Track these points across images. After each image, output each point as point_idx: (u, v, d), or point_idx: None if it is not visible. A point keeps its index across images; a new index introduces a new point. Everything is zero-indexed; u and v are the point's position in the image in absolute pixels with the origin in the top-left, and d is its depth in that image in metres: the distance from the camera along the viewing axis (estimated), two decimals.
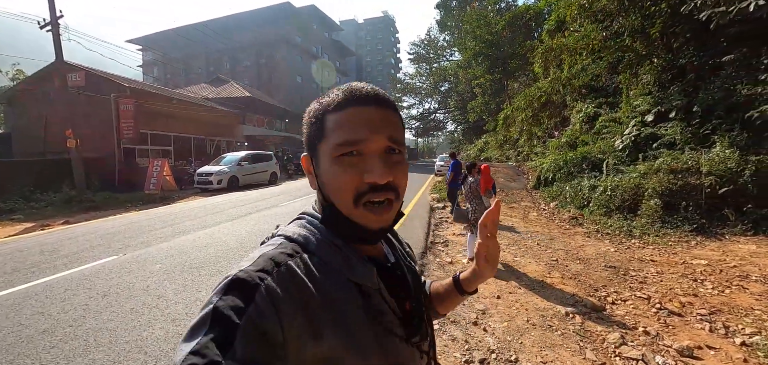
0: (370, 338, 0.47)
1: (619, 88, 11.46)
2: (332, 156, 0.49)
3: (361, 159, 0.48)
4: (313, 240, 0.51)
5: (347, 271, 0.49)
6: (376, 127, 0.49)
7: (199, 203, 9.63)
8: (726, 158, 5.85)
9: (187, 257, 4.47)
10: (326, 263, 0.49)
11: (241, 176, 13.60)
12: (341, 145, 0.48)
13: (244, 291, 0.41)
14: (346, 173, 0.48)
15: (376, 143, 0.49)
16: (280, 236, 0.52)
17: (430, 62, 40.38)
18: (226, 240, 5.36)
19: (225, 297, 0.40)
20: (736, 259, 4.66)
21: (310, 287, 0.45)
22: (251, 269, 0.43)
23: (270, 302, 0.41)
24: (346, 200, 0.49)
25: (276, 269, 0.44)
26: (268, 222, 6.69)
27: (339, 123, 0.49)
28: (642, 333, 3.05)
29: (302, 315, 0.43)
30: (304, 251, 0.49)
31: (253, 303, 0.40)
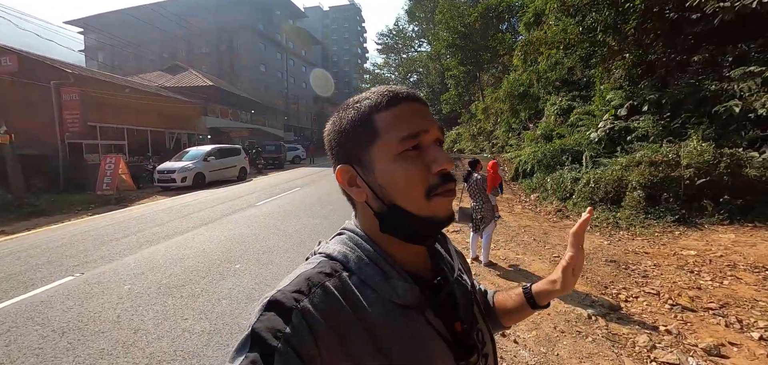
0: (409, 362, 0.45)
1: (591, 82, 11.86)
2: (396, 153, 0.48)
3: (421, 153, 0.49)
4: (353, 258, 0.50)
5: (388, 292, 0.47)
6: (429, 119, 0.50)
7: (164, 205, 8.72)
8: (703, 151, 6.10)
9: (161, 275, 3.87)
10: (365, 283, 0.47)
11: (208, 173, 12.61)
12: (406, 139, 0.48)
13: (280, 312, 0.41)
14: (414, 167, 0.48)
15: (433, 134, 0.49)
16: (320, 255, 0.52)
17: (398, 53, 40.14)
18: (205, 250, 4.77)
19: (262, 318, 0.41)
20: (721, 249, 4.85)
21: (347, 309, 0.44)
22: (288, 290, 0.44)
23: (305, 324, 0.41)
24: (418, 195, 0.48)
25: (312, 291, 0.44)
26: (249, 225, 6.12)
27: (397, 118, 0.48)
28: (665, 333, 3.00)
29: (338, 338, 0.42)
30: (344, 270, 0.48)
31: (290, 324, 0.40)
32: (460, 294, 0.57)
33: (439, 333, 0.49)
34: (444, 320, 0.51)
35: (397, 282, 0.48)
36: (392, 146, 0.48)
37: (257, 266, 4.10)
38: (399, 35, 39.66)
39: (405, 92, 0.51)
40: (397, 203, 0.49)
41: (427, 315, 0.49)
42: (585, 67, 12.06)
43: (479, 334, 0.56)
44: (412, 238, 0.50)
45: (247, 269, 4.01)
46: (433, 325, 0.49)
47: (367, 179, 0.50)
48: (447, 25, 20.15)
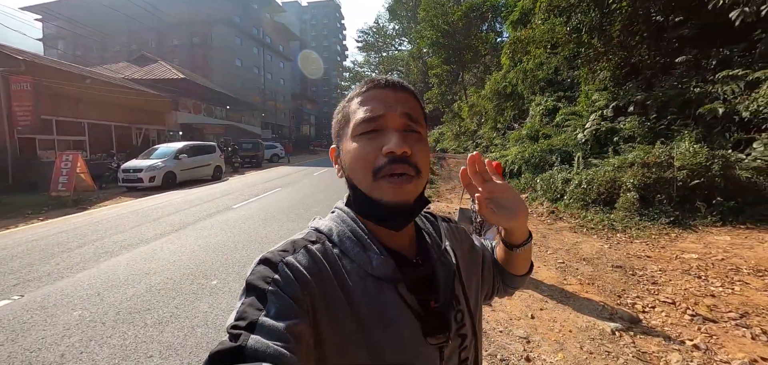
0: (378, 329, 0.49)
1: (576, 82, 11.93)
2: (353, 134, 0.53)
3: (380, 135, 0.51)
4: (336, 231, 0.54)
5: (364, 263, 0.51)
6: (392, 105, 0.52)
7: (129, 208, 7.90)
8: (696, 153, 6.07)
9: (121, 296, 3.28)
10: (345, 254, 0.52)
11: (179, 172, 11.73)
12: (360, 123, 0.52)
13: (269, 265, 0.47)
14: (365, 147, 0.51)
15: (393, 120, 0.52)
16: (310, 228, 0.58)
17: (379, 51, 39.70)
18: (176, 262, 4.17)
19: (254, 270, 0.47)
20: (720, 251, 4.77)
21: (327, 268, 0.50)
22: (275, 250, 0.50)
23: (289, 273, 0.46)
24: (366, 175, 0.51)
25: (296, 250, 0.50)
26: (226, 231, 5.53)
27: (362, 103, 0.53)
28: (692, 348, 2.78)
29: (319, 290, 0.47)
30: (327, 241, 0.54)
31: (277, 272, 0.46)
32: (443, 273, 0.58)
33: (411, 307, 0.51)
34: (420, 296, 0.53)
35: (373, 255, 0.52)
36: (354, 128, 0.53)
37: (238, 282, 3.58)
38: (379, 33, 39.21)
39: (383, 80, 0.55)
40: (353, 182, 0.54)
41: (400, 289, 0.52)
42: (570, 68, 12.11)
43: (459, 315, 0.57)
44: (372, 218, 0.54)
45: (226, 286, 3.48)
46: (405, 299, 0.51)
47: (341, 158, 0.56)
48: (431, 22, 19.93)
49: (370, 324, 0.48)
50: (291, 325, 0.42)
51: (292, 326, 0.42)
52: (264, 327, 0.41)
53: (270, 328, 0.41)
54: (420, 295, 0.53)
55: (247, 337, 0.40)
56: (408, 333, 0.50)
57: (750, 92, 6.69)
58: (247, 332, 0.40)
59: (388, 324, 0.49)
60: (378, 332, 0.49)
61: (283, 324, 0.41)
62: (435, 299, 0.55)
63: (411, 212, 0.53)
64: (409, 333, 0.50)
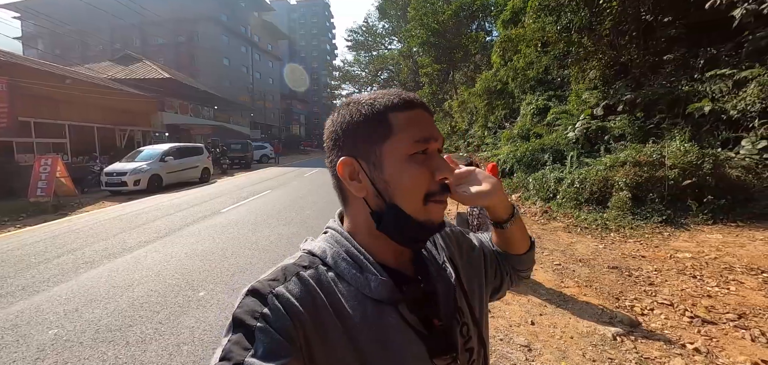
0: (380, 355, 0.46)
1: (566, 81, 12.00)
2: (408, 153, 0.49)
3: (428, 158, 0.51)
4: (331, 254, 0.51)
5: (362, 285, 0.49)
6: (432, 129, 0.51)
7: (112, 213, 7.61)
8: (687, 151, 6.12)
9: (101, 311, 3.09)
10: (341, 277, 0.49)
11: (165, 175, 11.39)
12: (419, 141, 0.49)
13: (257, 297, 0.44)
14: (421, 170, 0.49)
15: (439, 143, 0.52)
16: (303, 250, 0.54)
17: (369, 50, 39.49)
18: (160, 272, 3.98)
19: (241, 304, 0.44)
20: (712, 250, 4.79)
21: (321, 296, 0.47)
22: (265, 279, 0.47)
23: (280, 305, 0.43)
24: (417, 198, 0.50)
25: (287, 278, 0.47)
26: (214, 238, 5.34)
27: (412, 121, 0.50)
28: (693, 352, 2.75)
29: (313, 322, 0.44)
30: (321, 264, 0.51)
31: (267, 306, 0.43)
32: (443, 289, 0.56)
33: (413, 328, 0.49)
34: (422, 316, 0.51)
35: (371, 277, 0.49)
36: (405, 147, 0.49)
37: (227, 293, 3.42)
38: (369, 32, 39.00)
39: (418, 99, 0.53)
40: (396, 202, 0.50)
41: (402, 310, 0.49)
42: (560, 67, 12.17)
43: (464, 329, 0.55)
44: (403, 240, 0.51)
45: (214, 298, 3.32)
46: (408, 320, 0.49)
47: (372, 175, 0.50)
48: (421, 21, 19.87)
49: (370, 352, 0.46)
50: (282, 362, 0.40)
51: (283, 363, 0.40)
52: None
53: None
54: (422, 314, 0.51)
55: None
56: (412, 357, 0.48)
57: (737, 91, 6.78)
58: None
59: (390, 350, 0.47)
60: (379, 359, 0.46)
61: (274, 363, 0.39)
62: (438, 317, 0.53)
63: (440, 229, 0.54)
64: (413, 357, 0.48)
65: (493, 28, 19.98)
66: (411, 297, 0.51)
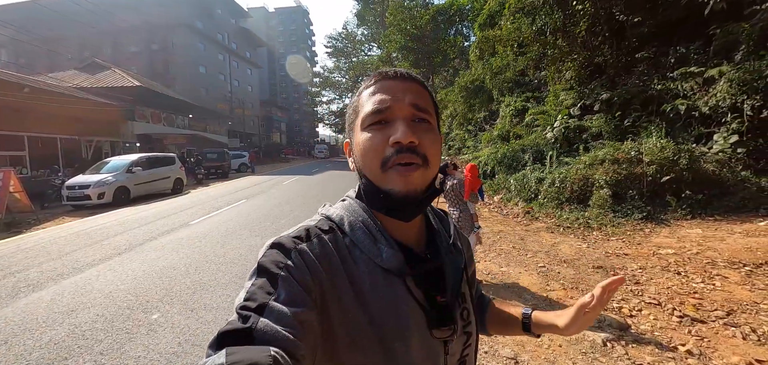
0: (386, 320, 0.49)
1: (544, 83, 12.12)
2: (363, 126, 0.53)
3: (388, 126, 0.52)
4: (348, 221, 0.54)
5: (374, 254, 0.51)
6: (400, 95, 0.53)
7: (71, 229, 7.03)
8: (663, 147, 6.15)
9: (35, 342, 2.68)
10: (355, 244, 0.52)
11: (133, 187, 10.74)
12: (369, 115, 0.52)
13: (282, 250, 0.47)
14: (373, 138, 0.52)
15: (401, 110, 0.52)
16: (321, 215, 0.57)
17: (348, 56, 39.33)
18: (110, 292, 3.57)
19: (267, 253, 0.47)
20: (694, 245, 4.77)
21: (337, 259, 0.50)
22: (289, 235, 0.50)
23: (302, 260, 0.47)
24: (375, 165, 0.52)
25: (310, 238, 0.50)
26: (178, 252, 4.93)
27: (372, 94, 0.54)
28: (686, 354, 2.62)
29: (329, 280, 0.47)
30: (338, 230, 0.53)
31: (290, 259, 0.46)
32: (451, 270, 0.58)
33: (417, 301, 0.52)
34: (427, 290, 0.54)
35: (383, 248, 0.52)
36: (363, 119, 0.53)
37: (184, 314, 3.06)
38: (348, 39, 38.86)
39: (391, 71, 0.56)
40: (364, 173, 0.54)
41: (408, 283, 0.52)
42: (537, 69, 12.30)
43: (465, 312, 0.59)
44: (383, 209, 0.54)
45: (168, 320, 2.96)
46: (413, 292, 0.52)
47: (352, 151, 0.57)
48: (399, 27, 19.85)
49: (380, 317, 0.49)
50: (300, 312, 0.42)
51: (301, 313, 0.42)
52: (273, 311, 0.41)
53: (279, 313, 0.41)
54: (428, 289, 0.54)
55: (257, 319, 0.40)
56: (414, 325, 0.51)
57: (707, 89, 6.91)
58: (257, 314, 0.41)
59: (395, 316, 0.50)
60: (388, 324, 0.49)
61: (293, 311, 0.42)
62: (442, 294, 0.55)
63: (420, 201, 0.53)
64: (414, 325, 0.51)
65: (470, 32, 20.15)
66: (418, 272, 0.54)
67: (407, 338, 0.50)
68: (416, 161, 0.50)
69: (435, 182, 0.56)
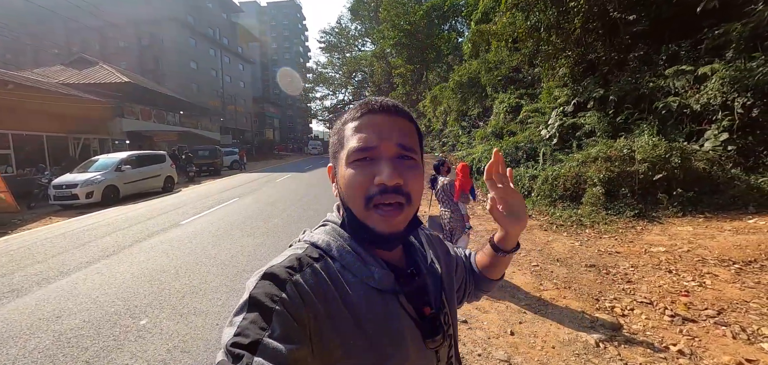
0: (385, 340, 0.50)
1: (538, 79, 12.14)
2: (347, 161, 0.53)
3: (373, 164, 0.52)
4: (335, 246, 0.54)
5: (366, 276, 0.52)
6: (386, 133, 0.53)
7: (57, 230, 6.88)
8: (655, 145, 6.19)
9: (16, 352, 2.60)
10: (346, 269, 0.52)
11: (122, 186, 10.56)
12: (354, 151, 0.52)
13: (276, 281, 0.46)
14: (357, 175, 0.52)
15: (386, 149, 0.52)
16: (306, 242, 0.56)
17: (342, 52, 39.12)
18: (97, 297, 3.48)
19: (259, 285, 0.46)
20: (685, 243, 4.81)
21: (331, 287, 0.49)
22: (281, 266, 0.49)
23: (297, 293, 0.46)
24: (358, 202, 0.52)
25: (303, 268, 0.49)
26: (168, 253, 4.84)
27: (354, 132, 0.54)
28: (677, 354, 2.64)
29: (324, 311, 0.47)
30: (328, 256, 0.53)
31: (285, 292, 0.45)
32: (431, 282, 0.61)
33: (410, 316, 0.54)
34: (415, 304, 0.56)
35: (374, 269, 0.53)
36: (348, 155, 0.53)
37: (173, 319, 3.00)
38: (342, 34, 38.61)
39: (377, 104, 0.55)
40: (347, 204, 0.55)
41: (401, 299, 0.54)
42: (531, 66, 12.31)
43: (446, 318, 0.61)
44: (364, 242, 0.55)
45: (157, 326, 2.89)
46: (405, 308, 0.54)
47: (337, 181, 0.57)
48: (392, 22, 19.73)
49: (377, 337, 0.50)
50: (294, 350, 0.41)
51: (296, 351, 0.41)
52: (268, 349, 0.40)
53: (274, 352, 0.40)
54: (415, 303, 0.56)
55: (250, 360, 0.38)
56: (410, 341, 0.53)
57: (699, 86, 6.97)
58: (250, 352, 0.39)
59: (392, 333, 0.51)
60: (386, 344, 0.50)
61: (288, 348, 0.41)
62: (429, 306, 0.58)
63: (402, 238, 0.56)
64: (411, 341, 0.53)
65: (465, 28, 20.11)
66: (409, 288, 0.56)
67: (405, 353, 0.51)
68: (400, 201, 0.51)
69: (417, 215, 0.58)
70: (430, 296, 0.59)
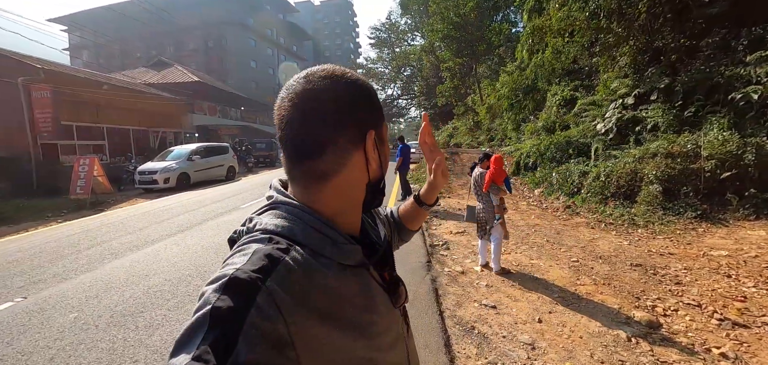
0: (365, 313, 0.50)
1: (594, 70, 11.38)
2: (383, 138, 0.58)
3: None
4: (299, 231, 0.49)
5: (337, 255, 0.49)
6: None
7: (142, 209, 8.07)
8: (726, 141, 5.62)
9: (118, 298, 3.26)
10: (317, 253, 0.48)
11: (193, 173, 11.92)
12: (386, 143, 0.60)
13: (243, 292, 0.38)
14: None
15: None
16: (259, 232, 0.48)
17: (391, 47, 39.38)
18: (175, 262, 4.16)
19: (222, 297, 0.37)
20: (754, 248, 4.38)
21: (307, 281, 0.44)
22: (248, 269, 0.40)
23: (272, 302, 0.39)
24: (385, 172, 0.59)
25: (275, 268, 0.42)
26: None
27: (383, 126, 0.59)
28: (719, 357, 2.51)
29: (306, 309, 0.43)
30: (295, 244, 0.47)
31: (255, 305, 0.38)
32: (386, 247, 0.62)
33: (378, 283, 0.56)
34: (379, 271, 0.57)
35: (344, 246, 0.50)
36: (382, 131, 0.58)
37: None
38: (392, 29, 38.87)
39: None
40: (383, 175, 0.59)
41: (370, 270, 0.55)
42: (588, 56, 11.56)
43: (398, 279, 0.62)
44: (378, 201, 0.60)
45: None
46: (374, 277, 0.56)
47: (379, 149, 0.56)
48: (442, 15, 19.53)
49: (357, 312, 0.49)
50: None
51: None
52: None
53: None
54: (379, 271, 0.58)
55: None
56: (381, 306, 0.54)
57: None
58: None
59: (371, 305, 0.52)
60: (366, 316, 0.50)
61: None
62: (389, 271, 0.60)
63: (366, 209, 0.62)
64: (382, 306, 0.54)
65: (518, 18, 19.28)
66: (376, 259, 0.56)
67: (381, 319, 0.53)
68: None
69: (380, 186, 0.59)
70: (390, 261, 0.61)
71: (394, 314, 0.58)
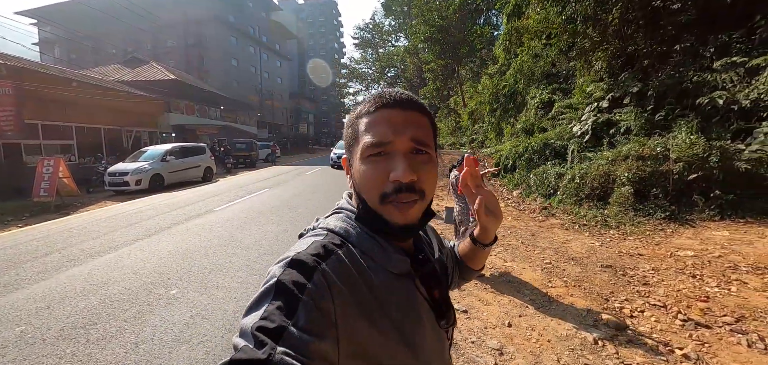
0: (407, 321, 0.52)
1: (571, 74, 11.63)
2: (362, 157, 0.54)
3: (387, 158, 0.53)
4: (353, 233, 0.55)
5: (385, 262, 0.54)
6: (400, 128, 0.53)
7: (109, 212, 7.71)
8: (692, 144, 5.81)
9: (70, 309, 3.06)
10: (367, 255, 0.53)
11: (167, 174, 11.51)
12: (369, 146, 0.53)
13: (303, 270, 0.46)
14: (373, 171, 0.53)
15: (401, 144, 0.53)
16: (323, 229, 0.56)
17: (375, 47, 39.36)
18: (137, 269, 3.96)
19: (286, 272, 0.45)
20: (717, 248, 4.52)
21: (355, 273, 0.50)
22: (307, 253, 0.49)
23: (325, 283, 0.46)
24: (374, 196, 0.53)
25: (329, 255, 0.50)
26: (201, 236, 5.31)
27: (368, 126, 0.55)
28: (681, 358, 2.56)
29: (351, 297, 0.47)
30: (348, 242, 0.54)
31: (313, 281, 0.45)
32: (439, 267, 0.65)
33: (424, 297, 0.58)
34: (427, 287, 0.59)
35: (392, 254, 0.55)
36: (362, 150, 0.54)
37: (199, 291, 3.36)
38: (376, 29, 38.86)
39: (391, 97, 0.55)
40: (363, 197, 0.56)
41: (416, 282, 0.57)
42: (566, 60, 11.81)
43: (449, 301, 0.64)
44: (380, 233, 0.56)
45: (184, 296, 3.27)
46: (420, 291, 0.58)
47: (351, 173, 0.58)
48: (424, 18, 19.61)
49: (398, 318, 0.51)
50: (318, 344, 0.41)
51: (320, 345, 0.41)
52: (292, 337, 0.40)
53: (298, 341, 0.40)
54: (427, 287, 0.59)
55: (274, 350, 0.38)
56: (426, 320, 0.56)
57: (750, 80, 6.41)
58: (273, 340, 0.39)
59: (412, 315, 0.54)
60: (407, 324, 0.52)
61: (311, 340, 0.41)
62: (439, 289, 0.61)
63: (416, 230, 0.58)
64: (426, 320, 0.56)
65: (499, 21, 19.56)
66: (422, 272, 0.59)
67: (423, 332, 0.54)
68: (414, 198, 0.53)
69: (430, 207, 0.59)
70: (439, 280, 0.62)
71: (439, 332, 0.59)
